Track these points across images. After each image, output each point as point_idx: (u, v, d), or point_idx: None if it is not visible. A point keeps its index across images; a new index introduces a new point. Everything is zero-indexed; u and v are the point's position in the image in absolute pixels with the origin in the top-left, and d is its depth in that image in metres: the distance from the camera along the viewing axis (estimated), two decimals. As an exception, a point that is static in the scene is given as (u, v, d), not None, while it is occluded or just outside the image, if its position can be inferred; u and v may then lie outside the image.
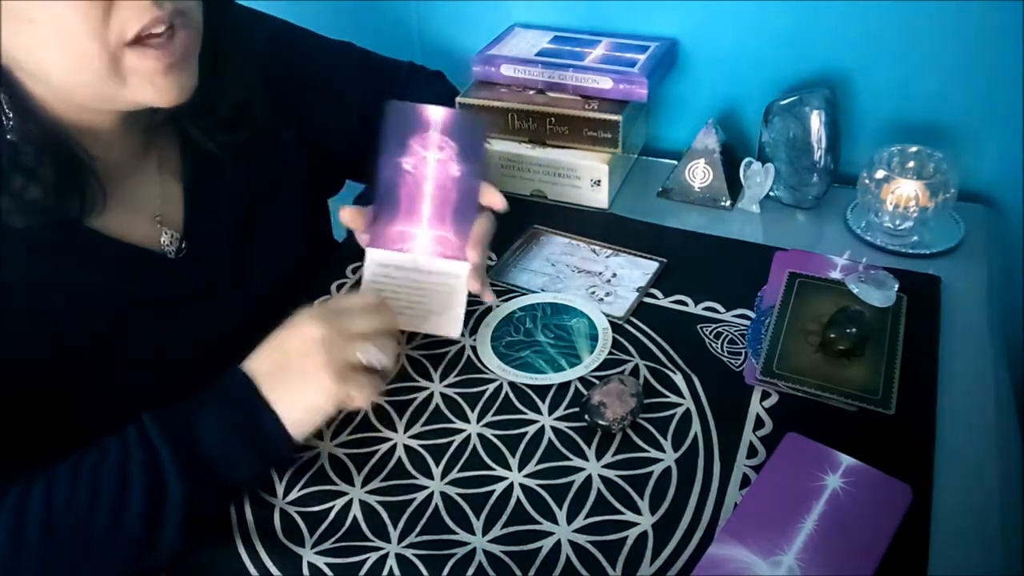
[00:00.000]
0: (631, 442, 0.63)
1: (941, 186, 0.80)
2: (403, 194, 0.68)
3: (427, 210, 0.68)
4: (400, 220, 0.69)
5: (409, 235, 0.69)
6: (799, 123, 0.87)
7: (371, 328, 0.59)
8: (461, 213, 0.68)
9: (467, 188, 0.68)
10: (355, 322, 0.59)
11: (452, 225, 0.68)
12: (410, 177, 0.68)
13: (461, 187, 0.68)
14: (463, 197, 0.68)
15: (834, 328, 0.68)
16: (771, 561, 0.52)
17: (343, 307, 0.61)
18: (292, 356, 0.57)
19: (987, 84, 0.87)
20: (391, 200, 0.68)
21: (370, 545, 0.57)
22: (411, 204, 0.68)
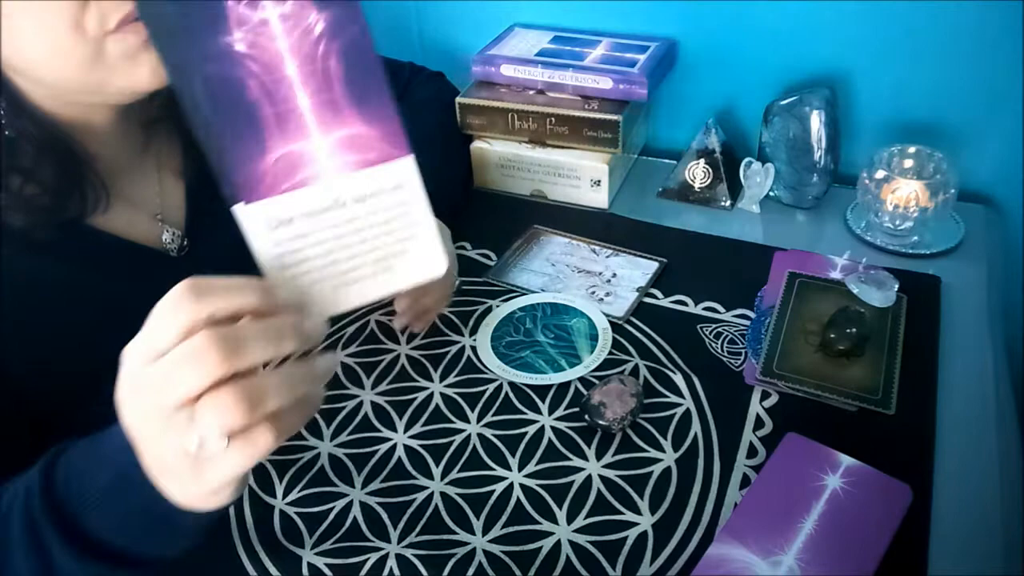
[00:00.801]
0: (631, 442, 0.63)
1: (941, 186, 0.80)
2: (255, 100, 0.40)
3: (307, 106, 0.41)
4: (273, 142, 0.41)
5: (299, 158, 0.42)
6: (799, 123, 0.87)
7: (206, 377, 0.37)
8: (358, 84, 0.41)
9: (348, 42, 0.41)
10: (176, 382, 0.37)
11: (354, 110, 0.42)
12: (254, 65, 0.40)
13: (339, 45, 0.41)
14: (348, 57, 0.41)
15: (834, 328, 0.68)
16: (771, 561, 0.52)
17: (155, 349, 0.38)
18: (138, 446, 0.42)
19: (987, 84, 0.87)
20: (240, 118, 0.40)
21: (370, 545, 0.57)
22: (278, 109, 0.41)
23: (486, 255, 0.86)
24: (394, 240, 0.44)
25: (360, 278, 0.43)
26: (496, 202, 0.95)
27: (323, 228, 0.42)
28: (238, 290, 0.39)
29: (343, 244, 0.43)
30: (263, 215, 0.41)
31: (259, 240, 0.42)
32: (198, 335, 0.37)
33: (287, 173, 0.42)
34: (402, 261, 0.44)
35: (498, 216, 0.92)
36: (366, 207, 0.43)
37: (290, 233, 0.42)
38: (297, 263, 0.42)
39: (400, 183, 0.43)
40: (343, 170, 0.42)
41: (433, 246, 0.44)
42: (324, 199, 0.42)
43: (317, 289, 0.42)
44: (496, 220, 0.91)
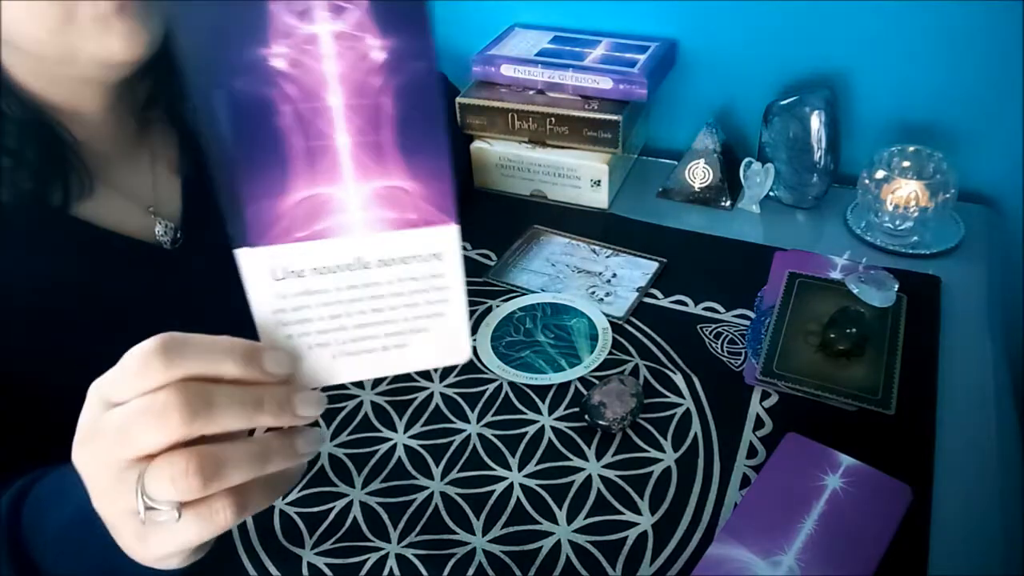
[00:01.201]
0: (631, 442, 0.63)
1: (941, 186, 0.80)
2: (286, 128, 0.34)
3: (347, 146, 0.34)
4: (298, 181, 0.34)
5: (325, 204, 0.35)
6: (799, 123, 0.87)
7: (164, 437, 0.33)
8: (412, 131, 0.34)
9: (411, 80, 0.34)
10: (131, 436, 0.34)
11: (402, 160, 0.35)
12: (292, 88, 0.33)
13: (399, 82, 0.34)
14: (407, 98, 0.34)
15: (834, 328, 0.68)
16: (771, 561, 0.52)
17: (117, 397, 0.35)
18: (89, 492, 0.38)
19: (987, 84, 0.87)
20: (264, 146, 0.34)
21: (370, 545, 0.57)
22: (311, 144, 0.34)
23: (486, 255, 0.86)
24: (416, 315, 0.37)
25: (366, 350, 0.37)
26: (496, 202, 0.95)
27: (336, 288, 0.36)
28: (219, 353, 0.34)
29: (355, 309, 0.37)
30: (270, 262, 0.35)
31: (259, 291, 0.36)
32: (163, 390, 0.33)
33: (308, 219, 0.35)
34: (420, 340, 0.38)
35: (498, 216, 0.92)
36: (392, 273, 0.37)
37: (296, 288, 0.36)
38: (297, 322, 0.36)
39: (438, 253, 0.36)
40: (374, 227, 0.36)
41: (460, 330, 0.38)
42: (345, 256, 0.36)
43: (314, 355, 0.37)
44: (496, 220, 0.91)
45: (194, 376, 0.34)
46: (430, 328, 0.38)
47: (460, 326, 0.38)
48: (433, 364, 0.39)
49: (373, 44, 0.33)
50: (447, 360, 0.39)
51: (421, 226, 0.36)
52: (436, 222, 0.36)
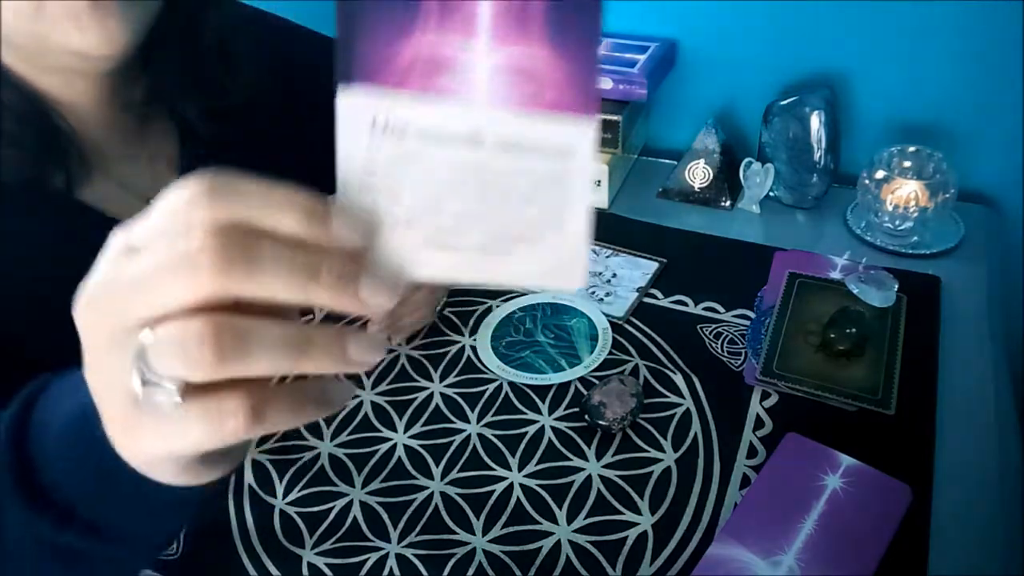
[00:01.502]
0: (631, 442, 0.63)
1: (941, 186, 0.80)
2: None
3: (490, 5, 0.29)
4: (424, 28, 0.29)
5: (449, 60, 0.30)
6: (799, 123, 0.87)
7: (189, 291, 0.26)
8: (573, 7, 0.29)
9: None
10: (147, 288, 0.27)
11: (548, 29, 0.30)
12: None
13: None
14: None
15: (834, 328, 0.68)
16: (771, 561, 0.52)
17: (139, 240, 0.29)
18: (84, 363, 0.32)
19: (987, 84, 0.87)
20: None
21: (370, 545, 0.57)
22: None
23: (486, 255, 0.86)
24: (528, 219, 0.30)
25: (461, 247, 0.30)
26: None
27: (441, 162, 0.30)
28: (278, 201, 0.27)
29: (458, 194, 0.30)
30: (370, 108, 0.29)
31: (352, 139, 0.29)
32: (198, 233, 0.26)
33: (428, 69, 0.29)
34: (527, 251, 0.31)
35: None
36: (511, 160, 0.30)
37: (395, 148, 0.29)
38: (388, 189, 0.29)
39: (570, 150, 0.30)
40: (499, 101, 0.30)
41: (577, 249, 0.31)
42: (460, 124, 0.29)
43: (398, 236, 0.30)
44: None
45: (242, 223, 0.27)
46: (542, 239, 0.31)
47: (578, 244, 0.31)
48: (536, 283, 0.31)
49: None
50: (554, 282, 0.31)
51: (555, 110, 0.30)
52: (574, 109, 0.30)
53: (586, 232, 0.31)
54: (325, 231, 0.28)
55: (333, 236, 0.28)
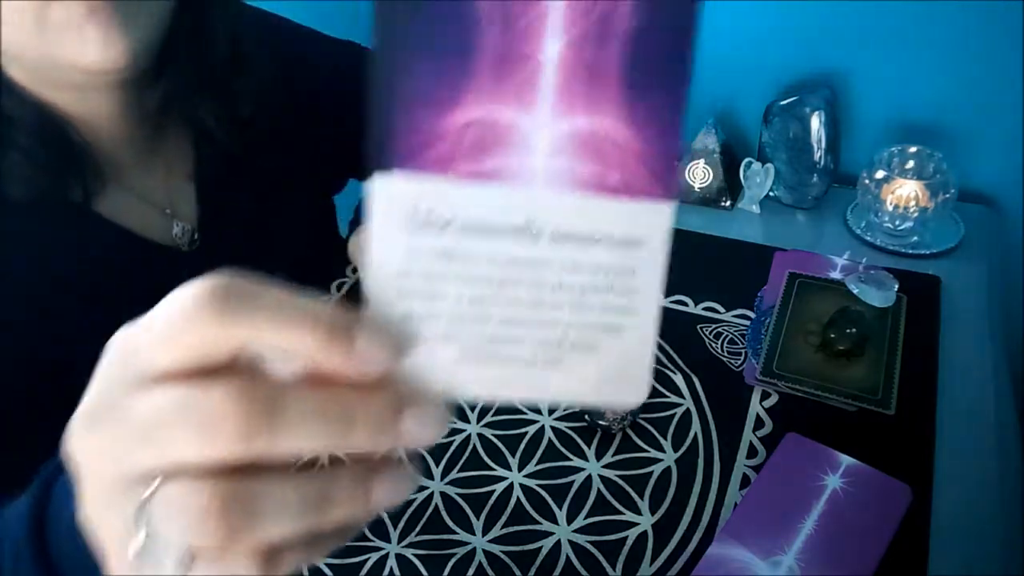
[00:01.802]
0: (631, 442, 0.63)
1: (941, 186, 0.80)
2: (480, 18, 0.24)
3: (554, 58, 0.24)
4: (475, 94, 0.24)
5: (502, 135, 0.25)
6: (799, 123, 0.87)
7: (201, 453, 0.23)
8: (652, 58, 0.25)
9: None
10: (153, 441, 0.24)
11: (626, 95, 0.25)
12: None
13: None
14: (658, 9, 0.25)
15: (834, 328, 0.68)
16: (771, 561, 0.52)
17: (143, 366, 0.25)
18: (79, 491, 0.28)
19: (987, 84, 0.87)
20: (448, 34, 0.24)
21: (370, 545, 0.57)
22: (507, 45, 0.24)
23: (486, 255, 0.86)
24: (586, 323, 0.26)
25: (505, 359, 0.26)
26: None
27: (489, 259, 0.25)
28: (296, 319, 0.23)
29: (507, 296, 0.25)
30: (413, 197, 0.24)
31: (386, 237, 0.24)
32: (218, 388, 0.23)
33: (476, 149, 0.24)
34: (582, 361, 0.26)
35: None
36: (568, 254, 0.25)
37: (438, 243, 0.25)
38: (426, 296, 0.25)
39: (640, 239, 0.25)
40: (561, 183, 0.25)
41: (642, 357, 0.27)
42: (512, 213, 0.25)
43: (435, 353, 0.25)
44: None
45: (256, 344, 0.24)
46: (600, 346, 0.26)
47: (642, 351, 0.26)
48: (591, 399, 0.26)
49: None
50: (612, 396, 0.27)
51: (626, 195, 0.25)
52: (649, 194, 0.25)
53: (653, 336, 0.26)
54: (349, 352, 0.24)
55: (358, 359, 0.24)
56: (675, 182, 0.25)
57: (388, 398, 0.25)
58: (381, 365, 0.24)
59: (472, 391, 0.26)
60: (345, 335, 0.24)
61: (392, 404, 0.24)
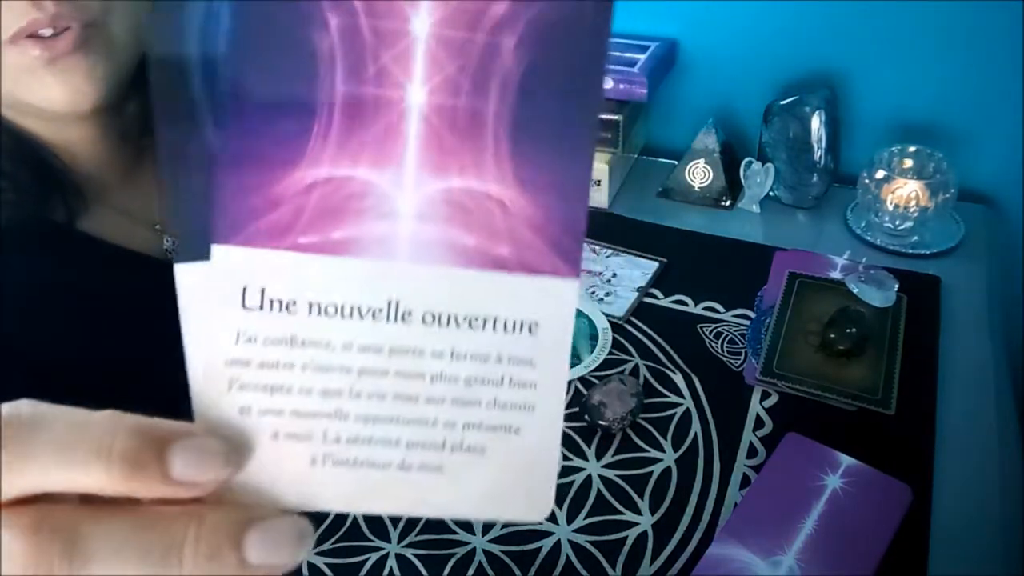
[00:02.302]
0: (631, 442, 0.63)
1: (941, 186, 0.80)
2: (323, 54, 0.19)
3: (419, 106, 0.19)
4: (320, 150, 0.19)
5: (358, 198, 0.20)
6: (799, 123, 0.87)
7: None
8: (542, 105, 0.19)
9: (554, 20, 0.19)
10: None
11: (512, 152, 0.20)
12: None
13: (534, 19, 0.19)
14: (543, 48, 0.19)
15: (834, 328, 0.68)
16: (771, 561, 0.52)
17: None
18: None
19: (987, 84, 0.87)
20: (285, 77, 0.19)
21: (370, 545, 0.57)
22: (359, 90, 0.19)
23: (486, 255, 0.86)
24: (472, 422, 0.21)
25: (373, 463, 0.21)
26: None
27: (344, 345, 0.21)
28: (89, 453, 0.19)
29: (369, 388, 0.21)
30: (244, 274, 0.20)
31: (213, 321, 0.21)
32: (6, 523, 0.19)
33: (324, 217, 0.20)
34: (468, 466, 0.22)
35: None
36: (446, 339, 0.21)
37: (278, 329, 0.21)
38: (264, 388, 0.21)
39: (540, 322, 0.21)
40: (433, 255, 0.20)
41: (544, 464, 0.22)
42: (373, 292, 0.21)
43: (280, 452, 0.21)
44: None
45: (44, 486, 0.19)
46: (490, 449, 0.22)
47: (545, 456, 0.22)
48: (479, 512, 0.22)
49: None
50: (507, 511, 0.22)
51: (516, 270, 0.21)
52: (543, 269, 0.21)
53: (557, 438, 0.22)
54: (161, 476, 0.19)
55: (178, 482, 0.19)
56: (579, 254, 0.21)
57: (225, 519, 0.20)
58: (207, 485, 0.20)
59: (327, 502, 0.21)
60: (154, 460, 0.19)
61: (230, 526, 0.20)
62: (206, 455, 0.20)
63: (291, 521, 0.20)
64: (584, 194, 0.21)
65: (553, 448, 0.22)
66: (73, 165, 0.59)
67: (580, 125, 0.20)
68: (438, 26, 0.19)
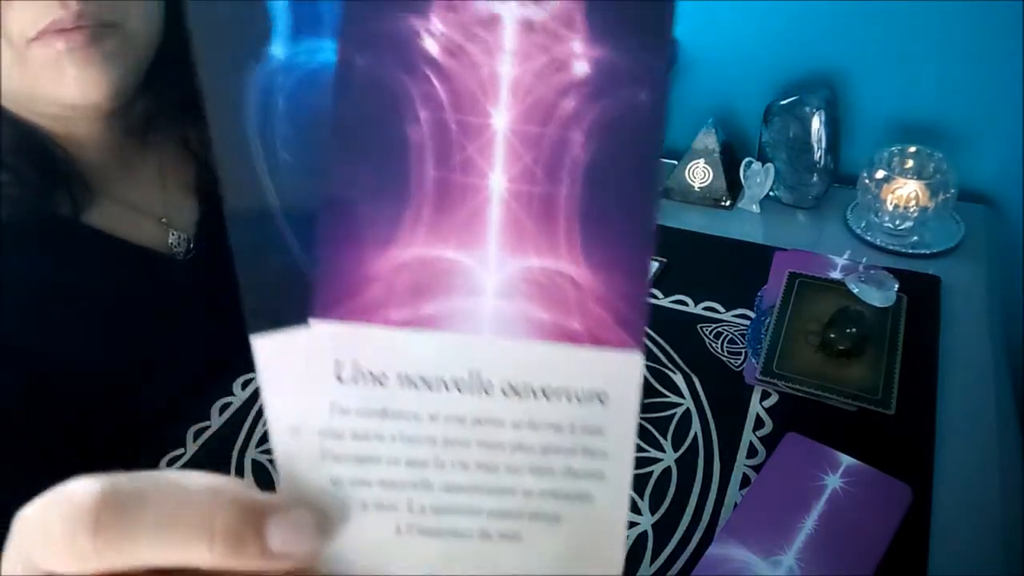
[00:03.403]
0: (631, 442, 0.63)
1: (941, 186, 0.80)
2: (415, 144, 0.21)
3: (500, 193, 0.21)
4: (411, 232, 0.21)
5: (443, 277, 0.21)
6: (799, 123, 0.87)
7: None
8: (607, 192, 0.22)
9: (621, 113, 0.21)
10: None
11: (582, 234, 0.22)
12: (443, 87, 0.21)
13: (603, 112, 0.21)
14: (611, 140, 0.21)
15: (834, 328, 0.68)
16: (771, 561, 0.52)
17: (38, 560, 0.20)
18: None
19: (987, 84, 0.87)
20: (380, 164, 0.21)
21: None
22: (448, 176, 0.21)
23: (486, 255, 0.86)
24: (547, 489, 0.22)
25: (455, 532, 0.22)
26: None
27: (428, 416, 0.22)
28: (191, 530, 0.19)
29: (452, 458, 0.22)
30: (339, 349, 0.21)
31: (307, 395, 0.21)
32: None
33: (413, 294, 0.21)
34: (544, 533, 0.22)
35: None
36: (523, 410, 0.22)
37: (368, 402, 0.21)
38: (356, 460, 0.21)
39: (609, 393, 0.22)
40: (512, 331, 0.22)
41: (614, 526, 0.23)
42: (457, 364, 0.22)
43: (368, 522, 0.22)
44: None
45: (144, 566, 0.20)
46: (564, 516, 0.22)
47: (615, 522, 0.23)
48: (557, 572, 0.23)
49: (577, 49, 0.20)
50: (583, 571, 0.23)
51: (587, 343, 0.22)
52: (611, 341, 0.22)
53: (625, 504, 0.22)
54: (260, 551, 0.20)
55: (274, 552, 0.20)
56: (643, 328, 0.22)
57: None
58: (300, 558, 0.20)
59: (410, 569, 0.22)
60: (253, 535, 0.20)
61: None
62: (303, 528, 0.20)
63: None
64: (645, 273, 0.22)
65: (622, 513, 0.23)
66: (79, 157, 0.59)
67: (642, 209, 0.22)
68: (516, 121, 0.21)
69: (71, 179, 0.59)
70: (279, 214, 0.21)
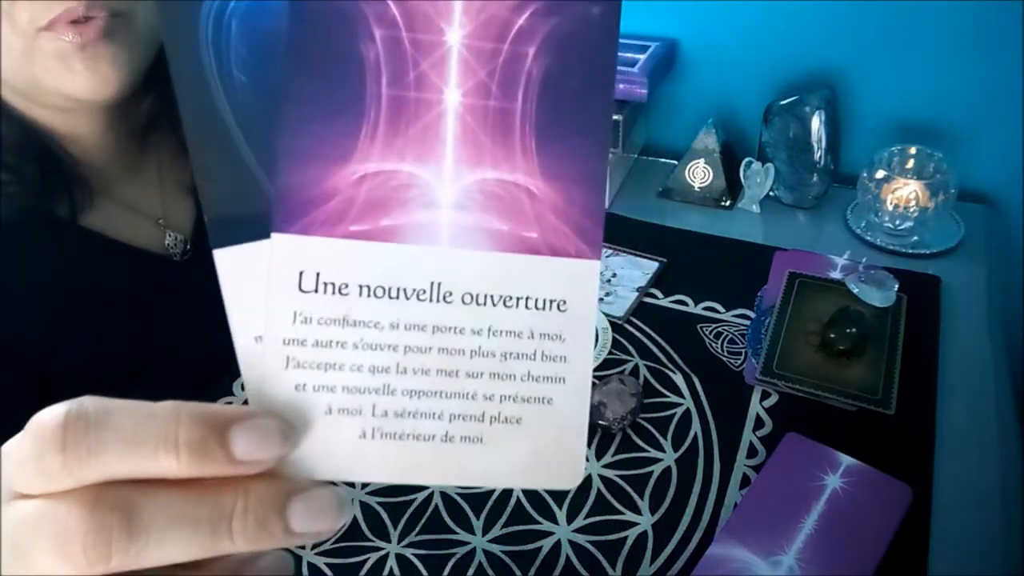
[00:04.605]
0: (631, 442, 0.63)
1: (941, 186, 0.80)
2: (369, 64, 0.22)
3: (455, 107, 0.22)
4: (369, 147, 0.22)
5: (402, 190, 0.23)
6: (799, 123, 0.87)
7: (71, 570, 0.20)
8: (562, 105, 0.23)
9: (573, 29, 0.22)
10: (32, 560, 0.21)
11: (537, 147, 0.23)
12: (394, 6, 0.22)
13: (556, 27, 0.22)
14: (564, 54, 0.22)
15: (834, 328, 0.68)
16: (771, 561, 0.52)
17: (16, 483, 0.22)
18: None
19: (987, 84, 0.87)
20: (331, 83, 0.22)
21: (370, 545, 0.57)
22: (402, 93, 0.22)
23: (486, 255, 0.86)
24: (508, 395, 0.23)
25: (417, 435, 0.23)
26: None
27: (392, 324, 0.23)
28: (152, 438, 0.21)
29: (414, 364, 0.23)
30: (301, 260, 0.22)
31: (274, 304, 0.22)
32: (66, 504, 0.21)
33: (372, 207, 0.22)
34: (505, 437, 0.23)
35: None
36: (482, 318, 0.23)
37: (332, 310, 0.22)
38: (319, 366, 0.22)
39: (567, 300, 0.23)
40: (471, 240, 0.23)
41: (573, 434, 0.24)
42: (417, 275, 0.23)
43: (332, 426, 0.22)
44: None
45: (112, 479, 0.21)
46: (526, 420, 0.23)
47: (575, 425, 0.24)
48: (514, 481, 0.24)
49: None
50: (540, 479, 0.24)
51: (545, 253, 0.23)
52: (569, 251, 0.23)
53: (585, 409, 0.24)
54: (226, 458, 0.21)
55: (239, 461, 0.21)
56: (600, 237, 0.23)
57: (270, 491, 0.21)
58: (269, 462, 0.21)
59: (376, 473, 0.23)
60: (218, 444, 0.21)
61: (275, 497, 0.21)
62: (267, 434, 0.21)
63: (331, 490, 0.22)
64: (602, 183, 0.23)
65: (582, 418, 0.24)
66: (80, 155, 0.59)
67: (595, 121, 0.23)
68: (469, 37, 0.22)
69: (71, 180, 0.59)
70: (237, 133, 0.22)
